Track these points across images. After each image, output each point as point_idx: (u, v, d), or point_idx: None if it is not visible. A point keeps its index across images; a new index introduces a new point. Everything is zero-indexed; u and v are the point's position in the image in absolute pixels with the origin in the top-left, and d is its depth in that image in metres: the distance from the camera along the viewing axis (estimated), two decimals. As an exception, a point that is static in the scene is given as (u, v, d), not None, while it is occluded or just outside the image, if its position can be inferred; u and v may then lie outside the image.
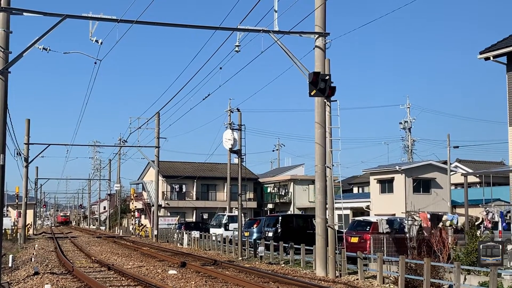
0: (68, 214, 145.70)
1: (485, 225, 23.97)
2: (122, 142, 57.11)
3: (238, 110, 33.33)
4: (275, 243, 27.19)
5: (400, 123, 65.57)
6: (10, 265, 23.42)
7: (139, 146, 48.88)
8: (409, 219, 22.90)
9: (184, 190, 64.83)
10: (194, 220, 60.92)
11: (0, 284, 16.35)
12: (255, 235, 33.10)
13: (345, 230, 26.18)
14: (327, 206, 20.07)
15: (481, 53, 22.77)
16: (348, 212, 48.89)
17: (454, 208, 43.27)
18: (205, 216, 62.82)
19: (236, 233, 30.96)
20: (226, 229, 40.12)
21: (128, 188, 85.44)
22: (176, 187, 64.49)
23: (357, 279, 19.00)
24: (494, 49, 22.30)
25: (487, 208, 24.29)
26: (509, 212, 26.28)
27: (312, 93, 18.39)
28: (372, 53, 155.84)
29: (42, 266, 22.87)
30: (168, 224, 52.31)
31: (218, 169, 66.22)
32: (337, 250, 19.96)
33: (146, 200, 66.76)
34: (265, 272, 20.13)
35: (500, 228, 24.23)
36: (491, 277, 14.51)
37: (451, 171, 46.08)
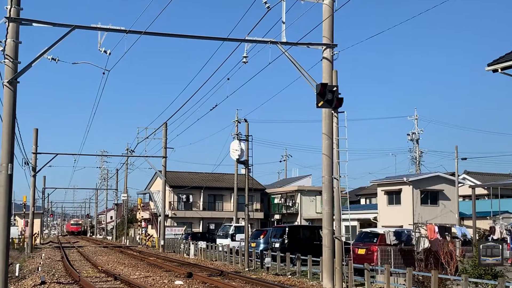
0: (80, 222, 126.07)
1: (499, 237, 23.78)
2: (130, 152, 57.28)
3: (246, 120, 33.36)
4: (282, 254, 27.12)
5: (408, 134, 65.44)
6: (17, 274, 23.46)
7: (147, 156, 49.03)
8: (416, 231, 22.80)
9: (191, 200, 64.83)
10: (200, 230, 60.89)
11: (7, 294, 16.36)
12: (261, 246, 33.04)
13: (352, 242, 26.06)
14: (334, 217, 20.00)
15: (489, 65, 22.64)
16: (355, 223, 48.75)
17: (462, 220, 43.12)
18: (212, 226, 62.76)
19: (243, 243, 30.91)
20: (233, 239, 40.07)
21: (135, 198, 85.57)
22: (183, 197, 64.51)
23: (364, 291, 18.92)
24: (502, 61, 22.15)
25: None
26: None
27: (319, 104, 18.41)
28: (380, 64, 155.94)
29: (48, 276, 22.89)
30: (174, 234, 52.29)
31: (225, 179, 66.22)
32: (344, 261, 19.87)
33: (153, 210, 66.80)
34: (271, 284, 20.06)
35: (509, 241, 24.13)
36: (498, 290, 14.41)
37: (459, 183, 45.91)
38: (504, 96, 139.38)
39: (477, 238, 24.61)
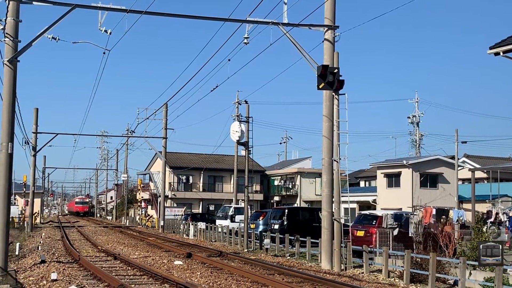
0: (87, 200, 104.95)
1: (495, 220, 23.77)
2: (130, 132, 57.30)
3: (246, 102, 33.36)
4: (281, 236, 27.23)
5: (408, 117, 65.47)
6: (17, 253, 23.57)
7: (147, 137, 49.06)
8: (415, 213, 22.89)
9: (191, 181, 64.95)
10: (200, 211, 61.08)
11: (7, 272, 16.46)
12: (261, 227, 33.16)
13: (351, 224, 26.15)
14: (333, 199, 20.07)
15: (490, 48, 22.57)
16: (354, 205, 48.90)
17: (461, 203, 43.23)
18: (212, 207, 62.96)
19: (242, 225, 31.02)
20: (232, 220, 40.18)
21: (135, 179, 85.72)
22: (183, 178, 64.63)
23: (362, 272, 19.02)
24: (504, 45, 22.08)
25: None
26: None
27: (320, 86, 18.39)
28: (381, 46, 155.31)
29: (48, 255, 22.99)
30: (174, 215, 52.48)
31: (225, 161, 66.29)
32: (343, 243, 19.97)
33: (153, 191, 66.97)
34: (270, 264, 20.17)
35: (507, 224, 24.16)
36: (496, 273, 14.50)
37: (459, 166, 45.97)
38: (506, 79, 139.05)
39: (475, 221, 24.66)
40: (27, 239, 34.95)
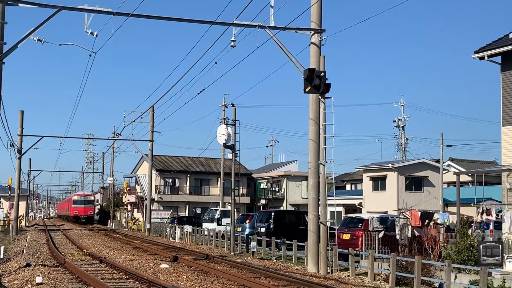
0: (92, 198, 76.14)
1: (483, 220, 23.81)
2: (116, 135, 57.09)
3: (233, 105, 33.38)
4: (267, 239, 27.25)
5: (394, 121, 65.70)
6: (1, 256, 23.41)
7: (133, 140, 48.90)
8: (400, 217, 22.97)
9: (177, 184, 64.81)
10: (187, 214, 60.95)
11: (-8, 275, 16.33)
12: (247, 231, 33.16)
13: (337, 227, 26.22)
14: (319, 202, 20.11)
15: (475, 52, 22.82)
16: (340, 209, 48.99)
17: (446, 206, 43.47)
18: (198, 210, 62.83)
19: (229, 228, 31.00)
20: (219, 224, 40.15)
21: (121, 182, 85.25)
22: (170, 181, 64.46)
23: (348, 275, 19.07)
24: (488, 49, 22.32)
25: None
26: (500, 211, 26.33)
27: (307, 90, 18.46)
28: (367, 50, 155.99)
29: (33, 258, 22.84)
30: (160, 218, 52.32)
31: (212, 164, 66.24)
32: (329, 246, 20.03)
33: (139, 194, 66.73)
34: (256, 268, 20.18)
35: (491, 227, 24.28)
36: (481, 276, 14.60)
37: (444, 169, 46.23)
38: (490, 83, 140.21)
39: (460, 224, 24.81)
40: (12, 242, 34.69)
